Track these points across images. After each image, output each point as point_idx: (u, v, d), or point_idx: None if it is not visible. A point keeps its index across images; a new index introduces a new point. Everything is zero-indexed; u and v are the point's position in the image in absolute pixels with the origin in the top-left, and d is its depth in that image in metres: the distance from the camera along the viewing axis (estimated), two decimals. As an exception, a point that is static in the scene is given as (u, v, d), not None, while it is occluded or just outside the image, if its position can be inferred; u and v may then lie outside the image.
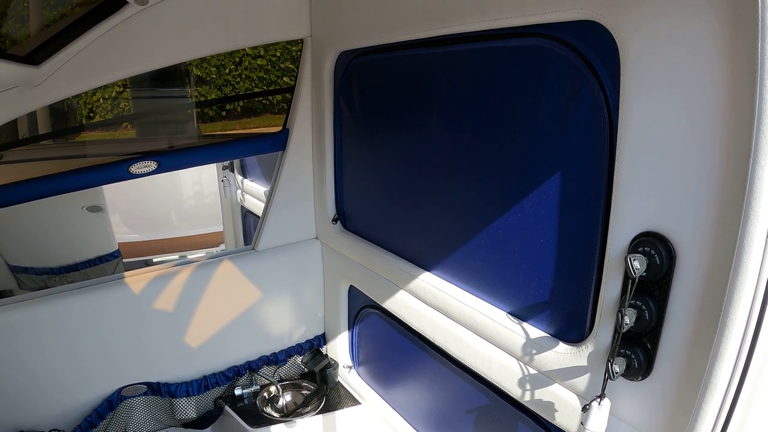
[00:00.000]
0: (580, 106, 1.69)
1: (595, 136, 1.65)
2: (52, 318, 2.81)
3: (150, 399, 3.20)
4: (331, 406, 3.39)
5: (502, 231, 2.08)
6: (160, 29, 2.67)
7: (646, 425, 1.63)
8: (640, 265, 1.46)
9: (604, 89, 1.60)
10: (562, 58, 1.71)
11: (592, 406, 1.59)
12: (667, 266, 1.47)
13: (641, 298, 1.55)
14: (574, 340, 1.85)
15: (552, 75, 1.78)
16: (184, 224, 8.18)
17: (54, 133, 5.62)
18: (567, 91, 1.73)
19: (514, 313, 2.11)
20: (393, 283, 2.74)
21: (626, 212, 1.55)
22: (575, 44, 1.67)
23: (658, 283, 1.51)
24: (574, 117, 1.72)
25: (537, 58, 1.82)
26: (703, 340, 1.39)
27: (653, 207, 1.48)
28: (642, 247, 1.50)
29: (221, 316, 3.35)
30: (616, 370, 1.57)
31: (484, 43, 2.01)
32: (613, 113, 1.58)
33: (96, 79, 2.65)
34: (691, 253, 1.42)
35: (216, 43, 2.90)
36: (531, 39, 1.80)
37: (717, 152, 1.31)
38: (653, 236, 1.49)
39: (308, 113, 3.27)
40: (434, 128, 2.36)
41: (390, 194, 2.78)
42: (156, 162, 2.93)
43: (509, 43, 1.90)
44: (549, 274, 1.92)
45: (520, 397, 2.06)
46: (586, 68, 1.64)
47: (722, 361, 1.29)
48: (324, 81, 3.05)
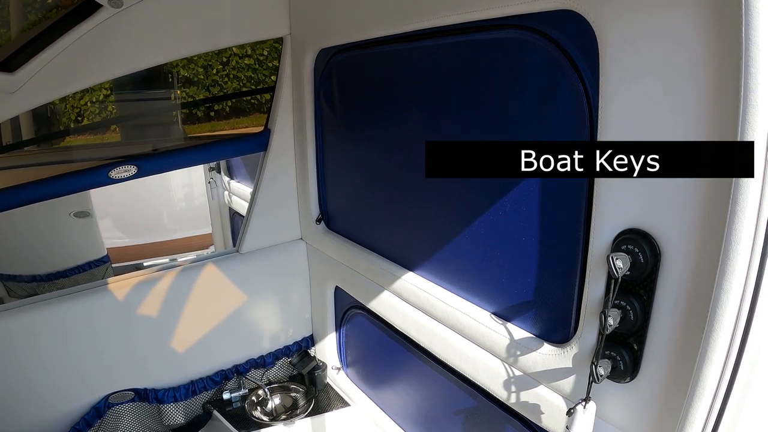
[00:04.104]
0: (559, 98, 1.66)
1: (575, 130, 1.61)
2: (36, 326, 2.78)
3: (137, 405, 3.16)
4: (320, 409, 3.35)
5: (484, 229, 2.04)
6: (136, 31, 2.63)
7: (634, 429, 1.60)
8: (623, 264, 1.41)
9: (584, 80, 1.56)
10: (540, 50, 1.68)
11: (577, 409, 1.56)
12: (652, 265, 1.42)
13: (626, 298, 1.51)
14: (558, 341, 1.82)
15: (530, 67, 1.75)
16: (174, 227, 8.15)
17: (37, 139, 5.58)
18: (546, 83, 1.70)
19: (497, 314, 2.07)
20: (377, 283, 2.71)
21: (608, 209, 1.51)
22: (553, 35, 1.63)
23: (643, 283, 1.47)
24: (554, 110, 1.69)
25: (515, 51, 1.78)
26: (690, 340, 1.35)
27: (636, 203, 1.44)
28: (625, 245, 1.46)
29: (207, 319, 3.31)
30: (600, 372, 1.52)
31: (462, 36, 1.97)
32: (593, 105, 1.54)
33: (74, 83, 2.63)
34: (677, 251, 1.38)
35: (194, 43, 2.87)
36: (508, 31, 1.76)
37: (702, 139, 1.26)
38: (637, 233, 1.45)
39: (289, 112, 3.23)
40: (415, 125, 2.33)
41: (372, 193, 2.76)
42: (136, 166, 2.89)
43: (486, 35, 1.86)
44: (532, 273, 1.88)
45: (506, 399, 2.02)
46: (564, 59, 1.60)
47: (710, 362, 1.26)
48: (304, 79, 3.01)
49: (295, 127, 3.25)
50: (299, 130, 3.21)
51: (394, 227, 2.63)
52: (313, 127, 3.10)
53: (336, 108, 2.91)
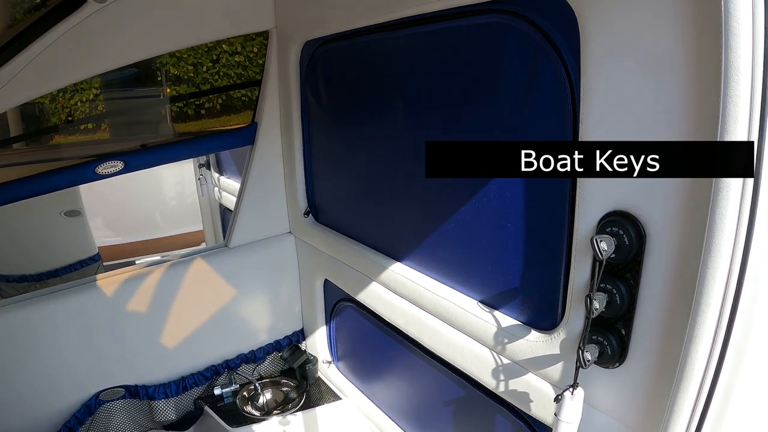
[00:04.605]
0: (542, 81, 1.66)
1: (558, 113, 1.61)
2: (24, 324, 2.77)
3: (128, 402, 3.15)
4: (311, 403, 3.35)
5: (470, 217, 2.04)
6: (121, 26, 2.61)
7: (623, 414, 1.59)
8: (607, 246, 1.40)
9: (565, 63, 1.56)
10: (521, 34, 1.67)
11: (565, 396, 1.55)
12: (637, 247, 1.42)
13: (612, 281, 1.50)
14: (546, 327, 1.81)
15: (512, 51, 1.75)
16: (166, 225, 8.15)
17: (26, 136, 5.56)
18: (528, 66, 1.70)
19: (484, 302, 2.07)
20: (365, 275, 2.70)
21: (592, 191, 1.51)
22: (534, 18, 1.63)
23: (629, 266, 1.47)
24: (537, 94, 1.69)
25: (496, 35, 1.78)
26: (677, 324, 1.34)
27: (620, 185, 1.43)
28: (610, 227, 1.45)
29: (197, 315, 3.30)
30: (587, 357, 1.52)
31: (444, 23, 1.97)
32: (575, 87, 1.53)
33: (61, 79, 2.61)
34: (662, 233, 1.37)
35: (180, 37, 2.86)
36: (489, 16, 1.76)
37: (685, 123, 1.26)
38: (621, 215, 1.44)
39: (276, 106, 3.23)
40: (399, 114, 2.33)
41: (359, 184, 2.76)
42: (123, 162, 2.87)
43: (468, 21, 1.86)
44: (518, 259, 1.88)
45: (495, 388, 2.02)
46: (546, 42, 1.60)
47: (698, 345, 1.25)
48: (290, 72, 3.00)
49: (282, 120, 3.24)
50: (286, 123, 3.20)
51: (381, 218, 2.64)
52: (299, 120, 3.10)
53: (322, 100, 2.91)
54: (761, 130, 1.09)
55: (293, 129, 3.13)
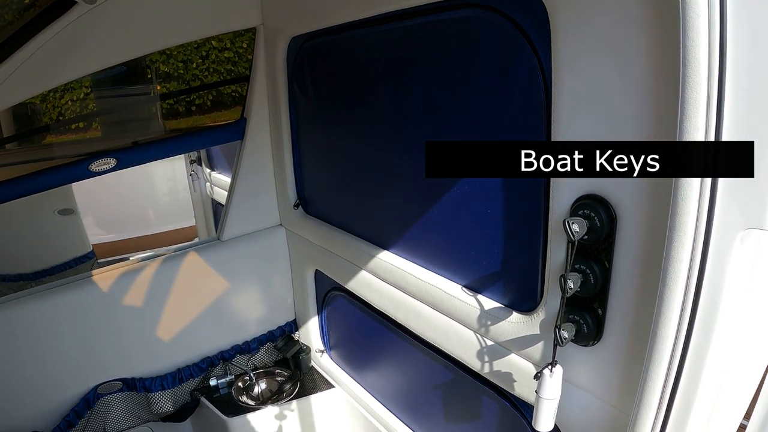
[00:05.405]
0: (517, 74, 1.70)
1: (534, 104, 1.65)
2: (23, 320, 2.80)
3: (126, 395, 3.19)
4: (305, 391, 3.40)
5: (452, 205, 2.09)
6: (111, 26, 2.64)
7: (602, 390, 1.65)
8: (579, 228, 1.46)
9: (539, 56, 1.60)
10: (496, 27, 1.71)
11: (544, 373, 1.60)
12: (608, 229, 1.47)
13: (586, 262, 1.55)
14: (526, 309, 1.86)
15: (488, 45, 1.79)
16: (159, 221, 8.15)
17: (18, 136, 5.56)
18: (503, 60, 1.74)
19: (468, 286, 2.12)
20: (354, 264, 2.75)
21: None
22: (508, 12, 1.67)
23: (602, 247, 1.52)
24: (512, 86, 1.73)
25: (472, 29, 1.82)
26: (648, 301, 1.39)
27: None
28: (582, 210, 1.51)
29: (191, 307, 3.34)
30: (564, 335, 1.57)
31: (423, 17, 2.00)
32: (548, 80, 1.57)
33: (52, 80, 2.65)
34: (631, 215, 1.43)
35: (169, 36, 2.89)
36: (466, 10, 1.80)
37: (649, 112, 1.31)
38: (593, 198, 1.49)
39: (264, 101, 3.26)
40: (381, 107, 2.37)
41: (346, 176, 2.80)
42: (115, 159, 2.90)
43: (445, 15, 1.90)
44: (498, 244, 1.93)
45: (480, 369, 2.07)
46: (520, 35, 1.64)
47: (667, 320, 1.29)
48: (278, 68, 3.03)
49: (271, 115, 3.28)
50: (274, 117, 3.24)
51: (368, 208, 2.68)
52: (287, 114, 3.13)
53: (309, 95, 2.94)
54: (718, 119, 1.14)
55: (281, 123, 3.16)
